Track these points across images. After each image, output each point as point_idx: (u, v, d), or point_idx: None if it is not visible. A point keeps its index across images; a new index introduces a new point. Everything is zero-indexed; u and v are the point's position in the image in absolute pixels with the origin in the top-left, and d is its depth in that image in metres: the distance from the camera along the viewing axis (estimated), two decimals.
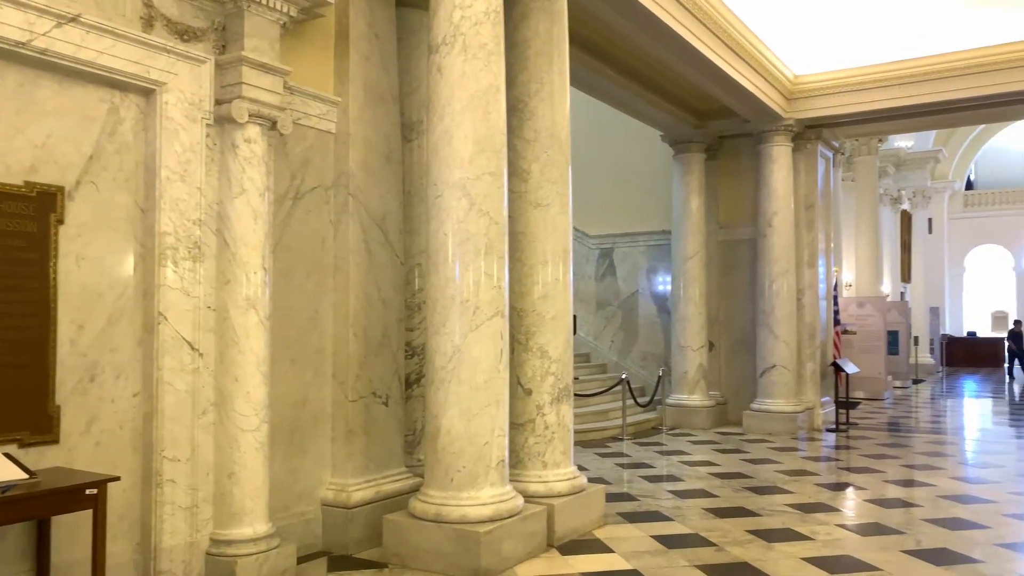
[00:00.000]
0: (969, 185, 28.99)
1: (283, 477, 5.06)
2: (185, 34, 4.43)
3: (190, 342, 4.43)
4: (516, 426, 5.67)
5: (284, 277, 5.07)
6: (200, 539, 4.44)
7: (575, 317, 11.69)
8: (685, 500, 6.94)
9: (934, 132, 22.76)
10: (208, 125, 4.53)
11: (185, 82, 4.44)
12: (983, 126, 24.40)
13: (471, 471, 4.92)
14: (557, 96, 5.91)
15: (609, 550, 5.41)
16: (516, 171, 5.80)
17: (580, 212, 12.80)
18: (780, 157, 10.97)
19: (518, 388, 5.71)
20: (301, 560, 4.93)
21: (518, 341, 5.74)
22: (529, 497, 5.45)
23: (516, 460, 5.68)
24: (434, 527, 4.86)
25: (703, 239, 11.62)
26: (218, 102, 4.54)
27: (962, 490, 7.40)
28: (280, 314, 5.00)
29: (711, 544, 5.57)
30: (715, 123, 11.46)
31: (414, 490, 5.27)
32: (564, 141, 5.95)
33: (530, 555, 5.15)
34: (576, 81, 9.07)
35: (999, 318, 29.63)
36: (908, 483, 7.90)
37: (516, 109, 5.85)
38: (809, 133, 11.38)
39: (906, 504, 6.92)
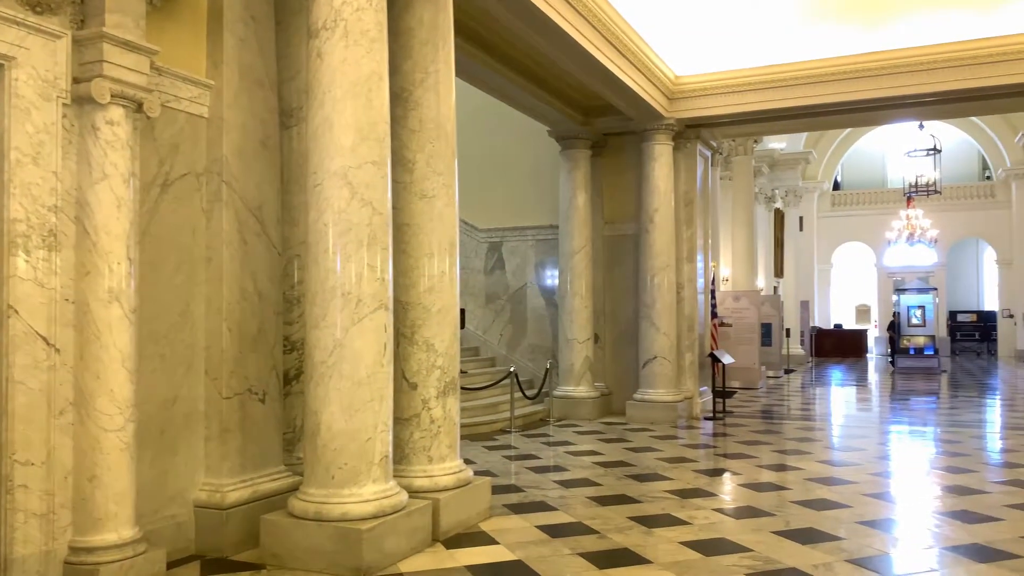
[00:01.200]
0: (836, 186, 30.85)
1: (153, 479, 4.79)
2: (38, 6, 4.11)
3: (45, 337, 4.12)
4: (401, 421, 5.60)
5: (152, 268, 4.80)
6: (57, 547, 4.15)
7: (463, 311, 11.70)
8: (570, 490, 7.04)
9: (805, 135, 24.15)
10: (65, 105, 4.22)
11: (38, 58, 4.12)
12: (849, 130, 26.10)
13: (353, 468, 4.81)
14: (443, 86, 5.85)
15: (494, 542, 5.41)
16: (401, 161, 5.71)
17: (469, 205, 12.90)
18: (662, 155, 11.31)
19: (403, 382, 5.63)
20: (172, 565, 4.70)
21: (403, 335, 5.65)
22: (414, 492, 5.38)
23: (401, 455, 5.60)
24: (314, 526, 4.73)
25: (589, 234, 11.85)
26: (76, 80, 4.24)
27: (828, 473, 7.82)
28: (148, 307, 4.73)
29: (594, 532, 5.66)
30: (600, 120, 11.71)
31: (294, 489, 5.10)
32: (450, 132, 5.90)
33: (415, 550, 5.08)
34: (464, 73, 9.05)
35: (862, 311, 31.75)
36: (779, 467, 8.30)
37: (401, 98, 5.75)
38: (689, 132, 11.79)
39: (777, 487, 7.26)
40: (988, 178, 28.56)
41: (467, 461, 6.71)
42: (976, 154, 28.79)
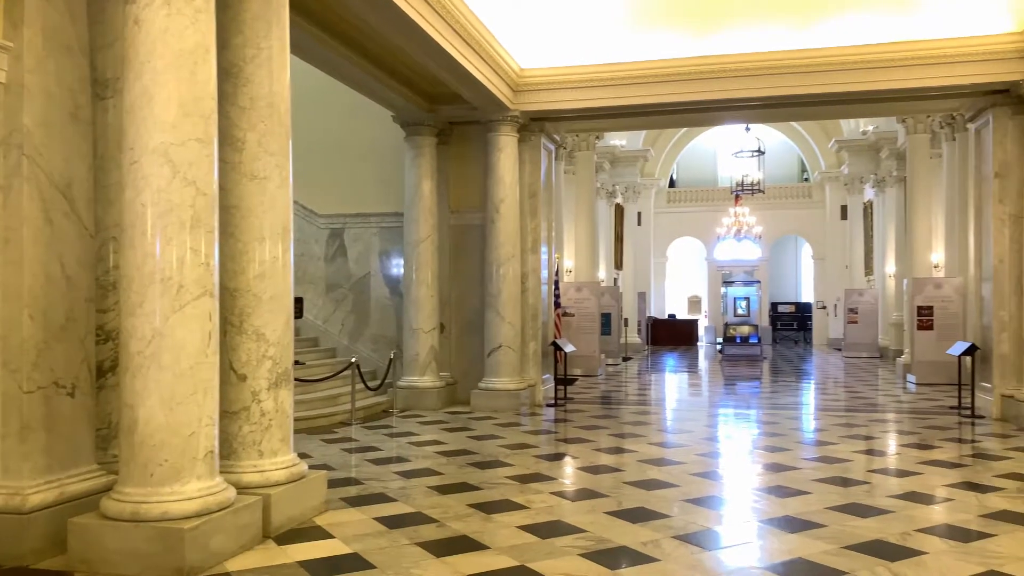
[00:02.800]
0: (672, 183, 32.46)
1: None
2: None
3: None
4: (229, 414, 5.32)
5: None
6: None
7: (300, 299, 11.35)
8: (411, 480, 6.97)
9: (644, 133, 25.23)
10: None
11: None
12: (684, 130, 27.52)
13: (175, 464, 4.52)
14: (276, 64, 5.59)
15: (330, 536, 5.28)
16: (230, 140, 5.41)
17: (309, 190, 12.54)
18: (507, 146, 11.42)
19: (231, 373, 5.35)
20: None
21: (231, 323, 5.37)
22: (244, 488, 5.14)
23: (230, 450, 5.33)
24: (131, 527, 4.40)
25: (435, 222, 11.79)
26: None
27: (659, 454, 8.21)
28: None
29: (433, 521, 5.64)
30: (446, 108, 11.66)
31: (108, 489, 4.73)
32: (284, 112, 5.65)
33: (244, 548, 4.86)
34: (301, 52, 8.73)
35: (694, 302, 33.67)
36: (615, 450, 8.63)
37: (230, 74, 5.45)
38: (534, 125, 11.96)
39: (612, 470, 7.54)
40: (806, 180, 31.02)
41: (303, 455, 6.51)
42: (796, 157, 31.19)
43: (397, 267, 12.51)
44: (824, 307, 28.66)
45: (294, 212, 13.11)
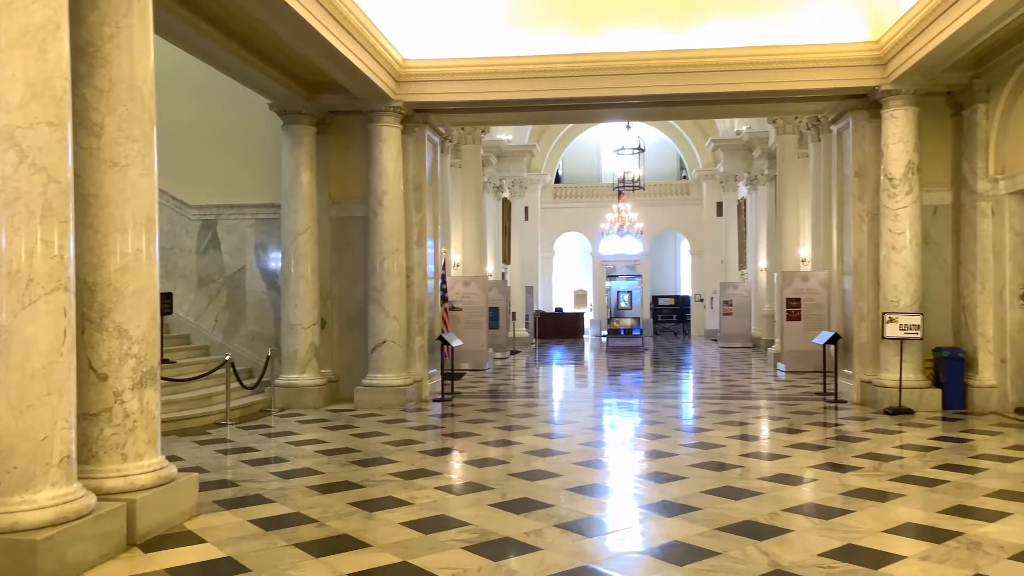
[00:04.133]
0: (558, 178, 32.99)
1: None
2: None
3: None
4: (89, 416, 4.98)
5: None
6: None
7: (170, 295, 10.82)
8: (289, 480, 6.76)
9: (530, 128, 25.49)
10: None
11: None
12: (570, 126, 27.95)
13: (26, 471, 4.21)
14: (138, 44, 5.25)
15: (201, 540, 5.04)
16: (87, 124, 5.05)
17: (179, 178, 11.97)
18: (390, 137, 11.23)
19: (90, 373, 5.00)
20: None
21: (89, 320, 5.02)
22: (107, 494, 4.85)
23: (90, 454, 4.99)
24: None
25: (315, 214, 11.45)
26: None
27: (544, 445, 8.30)
28: None
29: (312, 521, 5.49)
30: (326, 97, 11.33)
31: None
32: (147, 96, 5.32)
33: (106, 557, 4.57)
34: (167, 33, 8.30)
35: (580, 295, 34.36)
36: (501, 443, 8.66)
37: (86, 54, 5.08)
38: (417, 117, 11.81)
39: (498, 462, 7.56)
40: (684, 178, 32.19)
41: (173, 458, 6.20)
42: (675, 155, 32.32)
43: (275, 260, 12.06)
44: (702, 300, 29.86)
45: (162, 202, 12.55)
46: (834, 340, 11.69)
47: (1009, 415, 9.96)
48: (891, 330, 10.35)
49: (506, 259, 25.32)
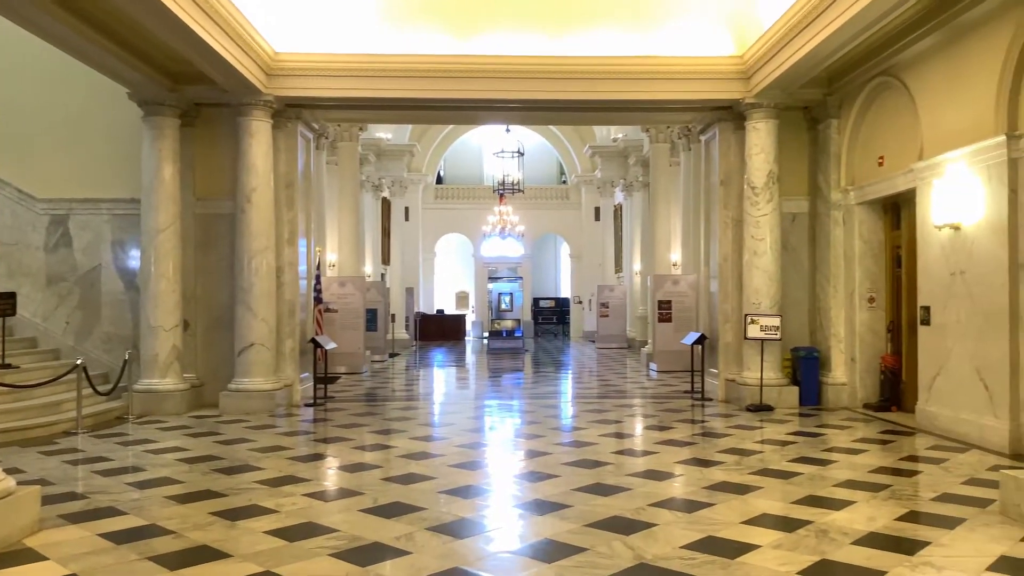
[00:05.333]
0: (440, 179, 32.83)
1: None
2: None
3: None
4: None
5: None
6: None
7: (14, 294, 10.02)
8: (145, 491, 6.36)
9: (410, 127, 25.20)
10: None
11: None
12: (451, 127, 27.85)
13: None
14: None
15: (43, 558, 4.66)
16: None
17: (24, 170, 11.17)
18: (260, 132, 10.80)
19: None
20: None
21: None
22: None
23: None
24: None
25: (179, 211, 10.87)
26: None
27: (420, 448, 8.19)
28: None
29: (169, 532, 5.19)
30: (192, 88, 10.76)
31: None
32: None
33: None
34: (17, 17, 7.68)
35: (462, 297, 34.35)
36: (375, 447, 8.48)
37: None
38: (290, 112, 11.40)
39: (370, 467, 7.39)
40: (564, 182, 32.76)
41: (13, 470, 5.75)
42: (555, 160, 32.83)
43: (134, 259, 11.35)
44: (580, 302, 30.47)
45: (4, 195, 11.68)
46: (701, 341, 12.16)
47: (858, 410, 10.65)
48: (753, 331, 10.86)
49: (385, 260, 24.92)
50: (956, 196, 8.36)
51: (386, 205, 25.24)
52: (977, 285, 8.13)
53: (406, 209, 27.57)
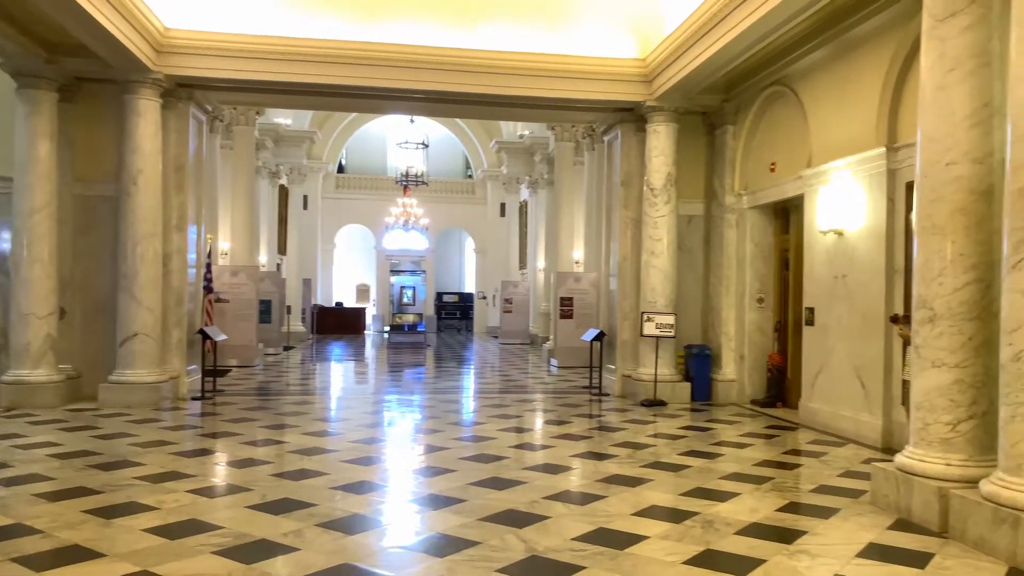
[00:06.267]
0: (341, 168, 32.10)
1: None
2: None
3: None
4: None
5: None
6: None
7: None
8: (11, 488, 5.95)
9: (311, 114, 24.49)
10: None
11: None
12: (355, 115, 27.23)
13: None
14: None
15: None
16: None
17: None
18: (147, 112, 10.24)
19: None
20: None
21: None
22: None
23: None
24: None
25: (55, 191, 10.18)
26: None
27: (312, 444, 7.97)
28: None
29: (37, 532, 4.87)
30: (72, 61, 10.06)
31: None
32: None
33: None
34: None
35: (363, 290, 33.77)
36: (265, 442, 8.20)
37: None
38: (181, 92, 10.84)
39: (259, 462, 7.13)
40: (470, 176, 32.70)
41: None
42: (461, 154, 32.71)
43: (4, 241, 10.56)
44: (484, 297, 30.50)
45: None
46: (600, 337, 12.35)
47: (746, 406, 11.06)
48: (649, 328, 11.11)
49: (282, 250, 24.17)
50: (840, 203, 8.79)
51: (284, 193, 24.48)
52: (857, 288, 8.56)
53: (305, 198, 26.81)
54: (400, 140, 28.09)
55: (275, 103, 14.98)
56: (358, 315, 29.19)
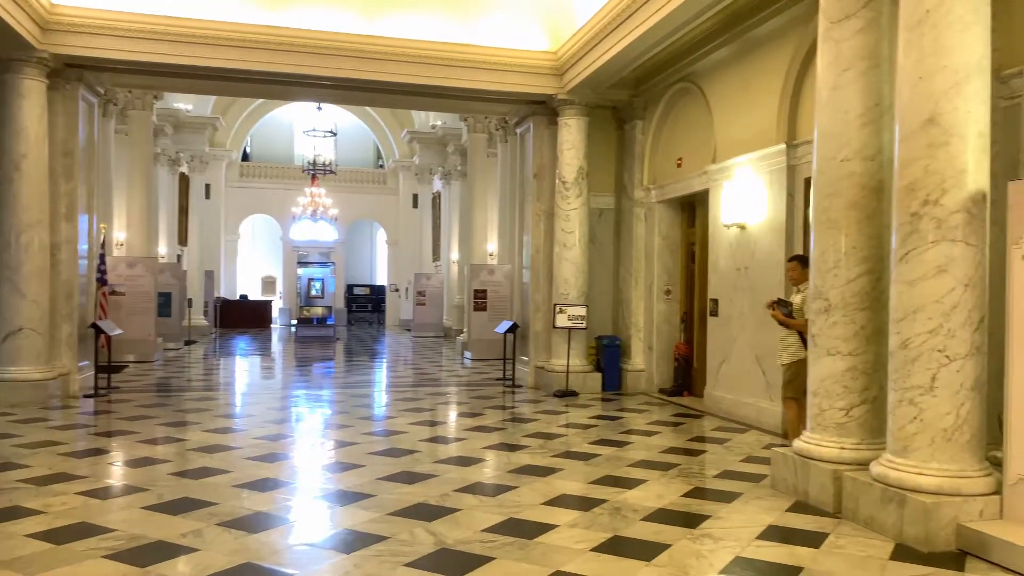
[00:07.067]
0: (246, 156, 31.03)
1: None
2: None
3: None
4: None
5: None
6: None
7: None
8: None
9: (213, 99, 23.58)
10: None
11: None
12: (260, 101, 26.36)
13: None
14: None
15: None
16: None
17: None
18: (32, 93, 9.60)
19: None
20: None
21: None
22: None
23: None
24: None
25: None
26: None
27: (214, 441, 7.68)
28: None
29: None
30: None
31: None
32: None
33: None
34: None
35: (269, 283, 32.84)
36: (163, 441, 7.85)
37: None
38: (70, 73, 10.21)
39: (156, 461, 6.82)
40: (381, 166, 32.17)
41: None
42: (372, 143, 32.14)
43: None
44: (397, 290, 30.14)
45: None
46: (514, 329, 12.39)
47: (655, 395, 11.30)
48: (561, 320, 11.21)
49: (183, 240, 23.19)
50: (743, 198, 9.06)
51: (184, 181, 23.49)
52: (758, 279, 8.85)
53: (207, 186, 25.81)
54: (308, 128, 27.41)
55: (174, 87, 14.29)
56: (264, 308, 28.40)
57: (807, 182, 7.72)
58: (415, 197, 29.35)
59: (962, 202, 4.58)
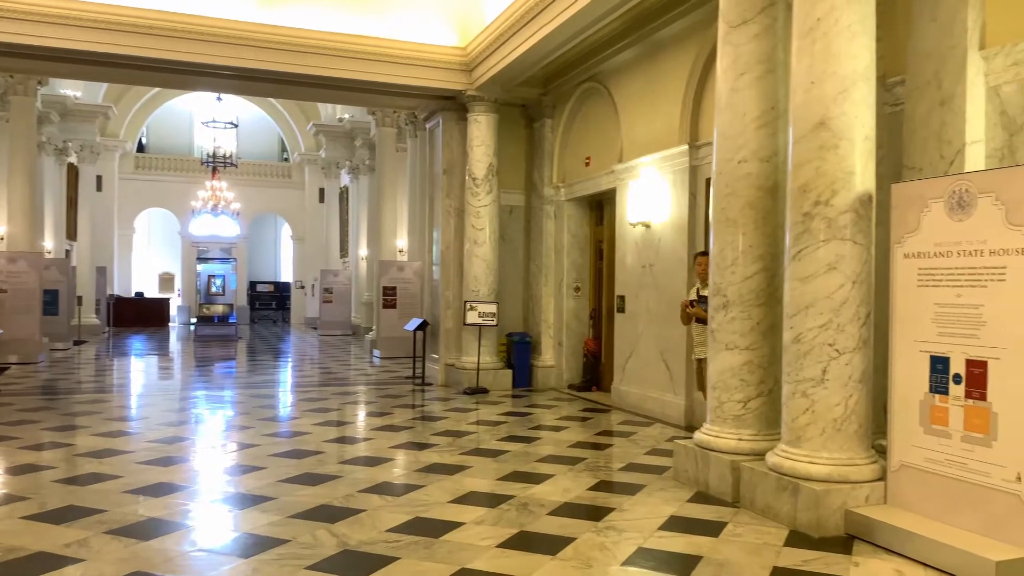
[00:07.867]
0: (141, 147, 29.64)
1: None
2: None
3: None
4: None
5: None
6: None
7: None
8: None
9: (105, 87, 22.40)
10: None
11: None
12: (157, 90, 25.18)
13: None
14: None
15: None
16: None
17: None
18: None
19: None
20: None
21: None
22: None
23: None
24: None
25: None
26: None
27: (104, 446, 7.30)
28: None
29: None
30: None
31: None
32: None
33: None
34: None
35: (167, 279, 31.51)
36: (47, 446, 7.42)
37: None
38: None
39: (39, 468, 6.43)
40: (286, 160, 31.32)
41: None
42: (276, 136, 31.22)
43: None
44: (303, 287, 29.45)
45: None
46: (423, 327, 12.28)
47: (564, 390, 11.42)
48: (471, 317, 11.18)
49: (71, 235, 21.95)
50: (648, 197, 9.25)
51: (73, 172, 22.22)
52: (663, 276, 9.06)
53: (99, 178, 24.50)
54: (207, 119, 26.41)
55: (58, 72, 13.43)
56: (161, 306, 27.25)
57: (708, 182, 7.94)
58: (322, 191, 28.70)
59: (851, 203, 4.79)
